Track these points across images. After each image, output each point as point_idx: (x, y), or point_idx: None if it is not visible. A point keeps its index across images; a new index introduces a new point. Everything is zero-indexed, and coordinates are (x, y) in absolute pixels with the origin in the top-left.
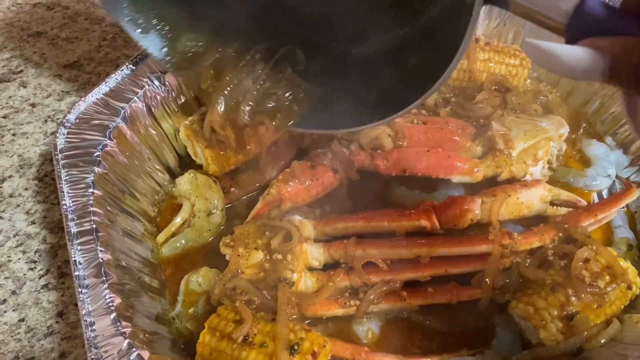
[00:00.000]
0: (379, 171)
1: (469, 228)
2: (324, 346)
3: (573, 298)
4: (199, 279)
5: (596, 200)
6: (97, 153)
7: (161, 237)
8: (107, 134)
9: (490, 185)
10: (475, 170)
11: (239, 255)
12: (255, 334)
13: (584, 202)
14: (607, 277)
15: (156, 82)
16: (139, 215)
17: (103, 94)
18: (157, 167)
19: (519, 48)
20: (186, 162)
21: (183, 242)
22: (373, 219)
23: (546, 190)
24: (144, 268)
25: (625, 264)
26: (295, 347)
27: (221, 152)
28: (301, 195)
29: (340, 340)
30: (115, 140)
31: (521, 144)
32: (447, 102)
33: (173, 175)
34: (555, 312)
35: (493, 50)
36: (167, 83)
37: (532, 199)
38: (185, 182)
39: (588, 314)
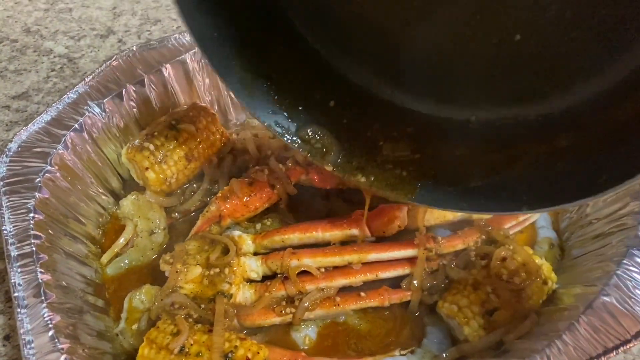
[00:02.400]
0: (315, 185)
1: (398, 235)
2: (258, 352)
3: (492, 295)
4: (141, 297)
5: None
6: (39, 179)
7: (105, 258)
8: (49, 160)
9: None
10: None
11: (177, 272)
12: (191, 344)
13: None
14: (523, 274)
15: (96, 109)
16: (82, 238)
17: (45, 123)
18: (101, 191)
19: None
20: (130, 185)
21: (127, 261)
22: (308, 230)
23: None
24: (88, 288)
25: (540, 261)
26: (230, 355)
27: (160, 176)
28: (240, 211)
29: (279, 347)
30: (56, 167)
31: None
32: None
33: (118, 198)
34: (477, 309)
35: None
36: (107, 110)
37: None
38: (129, 203)
39: (507, 310)
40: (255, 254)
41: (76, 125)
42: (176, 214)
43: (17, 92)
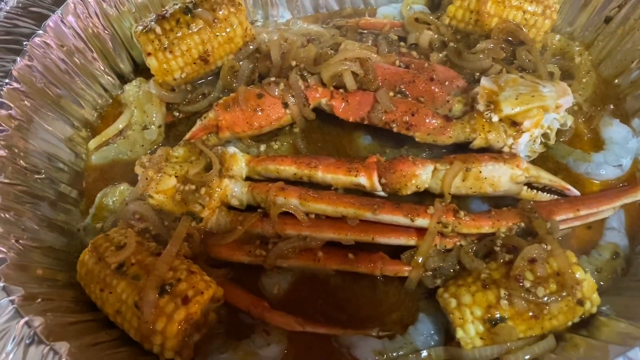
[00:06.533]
0: (336, 114)
1: (418, 198)
2: (202, 293)
3: (504, 301)
4: (115, 196)
5: None
6: (26, 42)
7: (93, 143)
8: (43, 25)
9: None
10: (446, 131)
11: (148, 179)
12: (132, 264)
13: (574, 192)
14: (553, 286)
15: None
16: (71, 118)
17: None
18: (106, 71)
19: None
20: (146, 71)
21: (113, 153)
22: (308, 165)
23: (521, 168)
24: (62, 175)
25: (583, 275)
26: (167, 288)
27: (164, 65)
28: (241, 125)
29: (240, 290)
30: (51, 33)
31: (508, 109)
32: (444, 46)
33: (125, 82)
34: (479, 313)
35: None
36: None
37: (500, 176)
38: (132, 89)
39: (517, 324)
40: (248, 179)
41: None
42: (178, 113)
43: None
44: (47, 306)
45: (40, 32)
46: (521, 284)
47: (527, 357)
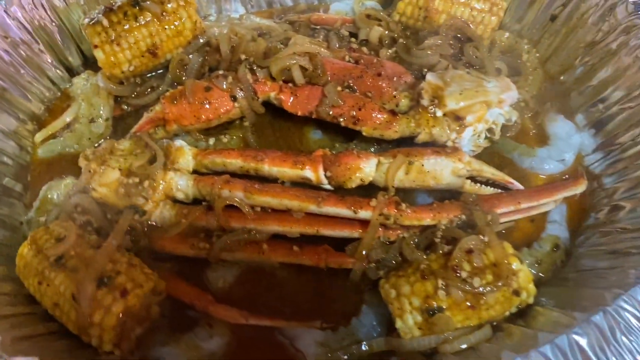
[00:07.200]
0: (285, 107)
1: (364, 192)
2: (142, 285)
3: (442, 291)
4: (59, 190)
5: None
6: None
7: (39, 136)
8: None
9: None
10: (392, 125)
11: (91, 171)
12: (71, 257)
13: (517, 185)
14: (489, 276)
15: None
16: (17, 111)
17: None
18: (53, 63)
19: None
20: (93, 64)
21: (59, 147)
22: (254, 158)
23: (462, 162)
24: (6, 168)
25: (519, 265)
26: (105, 280)
27: (111, 58)
28: (188, 118)
29: (184, 283)
30: None
31: (452, 104)
32: (394, 42)
33: (74, 75)
34: (418, 303)
35: None
36: None
37: (442, 169)
38: (80, 81)
39: (455, 314)
40: (196, 172)
41: None
42: (126, 106)
43: None
44: None
45: None
46: (458, 275)
47: (463, 346)
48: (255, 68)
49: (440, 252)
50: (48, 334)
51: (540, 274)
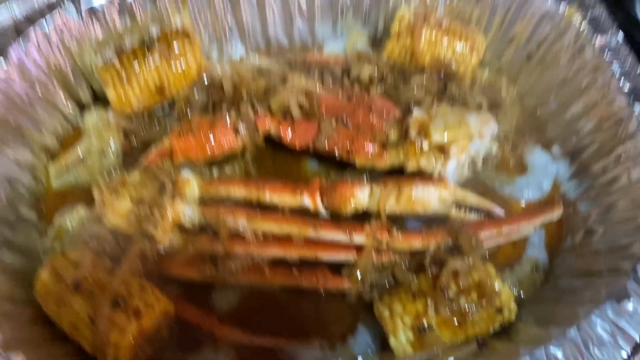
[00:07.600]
0: (284, 141)
1: (360, 218)
2: (153, 307)
3: (432, 311)
4: (72, 218)
5: None
6: None
7: (53, 169)
8: (7, 57)
9: None
10: (383, 156)
11: (104, 202)
12: (87, 281)
13: (500, 211)
14: (474, 296)
15: (74, 13)
16: (34, 145)
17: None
18: (66, 100)
19: (475, 31)
20: (102, 98)
21: (72, 178)
22: (255, 187)
23: (448, 191)
24: (19, 197)
25: (501, 285)
26: (120, 302)
27: (122, 97)
28: (194, 152)
29: (191, 305)
30: (12, 66)
31: (437, 136)
32: (383, 80)
33: (85, 109)
34: (410, 321)
35: (443, 31)
36: (84, 16)
37: (429, 197)
38: (92, 117)
39: (444, 331)
40: (202, 201)
41: (45, 25)
42: (134, 140)
43: None
44: (4, 321)
45: (3, 64)
46: (446, 295)
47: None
48: (256, 105)
49: (430, 274)
50: (65, 355)
51: (521, 293)
